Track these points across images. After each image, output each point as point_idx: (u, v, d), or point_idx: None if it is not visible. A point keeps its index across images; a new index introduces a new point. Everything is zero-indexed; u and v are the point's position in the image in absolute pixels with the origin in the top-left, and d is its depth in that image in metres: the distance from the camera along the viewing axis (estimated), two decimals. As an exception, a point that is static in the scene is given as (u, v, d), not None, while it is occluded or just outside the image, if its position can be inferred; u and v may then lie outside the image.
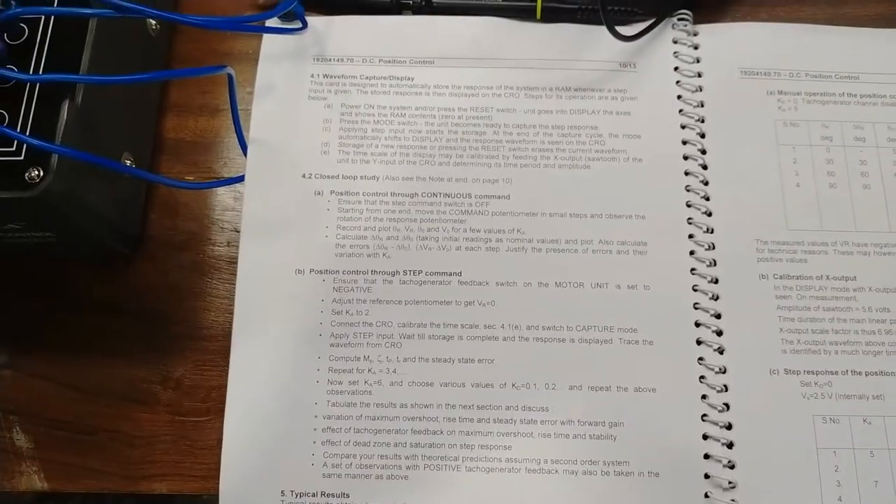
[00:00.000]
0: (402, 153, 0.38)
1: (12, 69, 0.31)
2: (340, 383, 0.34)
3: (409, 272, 0.36)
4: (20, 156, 0.30)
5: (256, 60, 0.39)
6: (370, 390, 0.34)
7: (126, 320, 0.37)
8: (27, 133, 0.30)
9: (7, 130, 0.29)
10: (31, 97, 0.31)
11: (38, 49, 0.32)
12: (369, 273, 0.36)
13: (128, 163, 0.36)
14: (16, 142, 0.31)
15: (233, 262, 0.37)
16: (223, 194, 0.39)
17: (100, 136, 0.33)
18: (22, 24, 0.32)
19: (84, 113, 0.31)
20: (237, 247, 0.37)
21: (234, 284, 0.36)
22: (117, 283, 0.37)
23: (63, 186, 0.30)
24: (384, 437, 0.34)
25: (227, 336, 0.36)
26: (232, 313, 0.35)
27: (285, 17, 0.39)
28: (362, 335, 0.35)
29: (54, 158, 0.30)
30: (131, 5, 0.30)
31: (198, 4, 0.42)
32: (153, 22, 0.38)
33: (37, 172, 0.30)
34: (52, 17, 0.32)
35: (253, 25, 0.38)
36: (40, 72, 0.32)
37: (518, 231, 0.37)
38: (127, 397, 0.36)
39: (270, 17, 0.36)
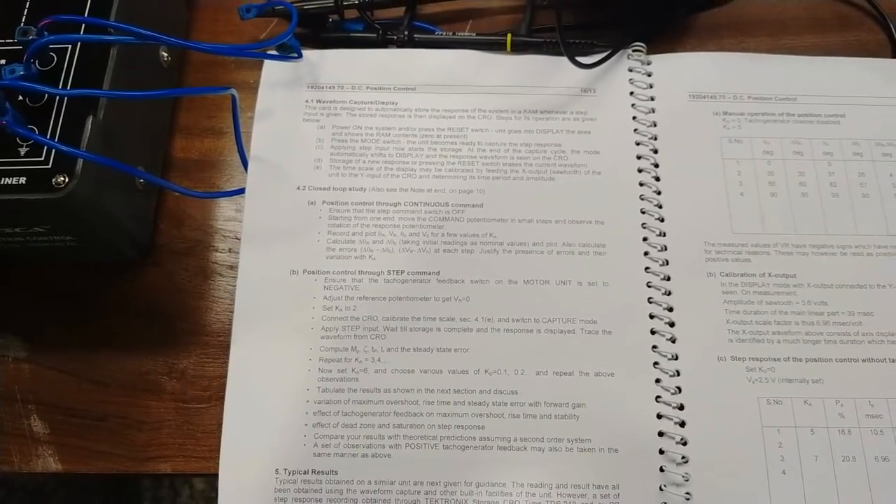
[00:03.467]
0: (386, 168, 0.42)
1: (45, 86, 0.35)
2: (330, 371, 0.38)
3: (392, 272, 0.40)
4: (48, 164, 0.35)
5: (256, 89, 0.44)
6: (357, 377, 0.38)
7: (136, 319, 0.41)
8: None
9: (39, 137, 0.34)
10: (59, 114, 0.36)
11: (64, 74, 0.37)
12: (357, 273, 0.40)
13: (141, 177, 0.40)
14: (45, 152, 0.35)
15: (233, 266, 0.41)
16: (225, 206, 0.43)
17: (118, 150, 0.37)
18: (51, 53, 0.37)
19: (105, 128, 0.36)
20: (237, 253, 0.41)
21: (235, 286, 0.40)
22: (129, 286, 0.41)
23: (86, 192, 0.35)
24: (369, 419, 0.37)
25: (227, 332, 0.39)
26: (232, 312, 0.39)
27: (283, 49, 0.44)
28: (350, 328, 0.39)
29: (79, 165, 0.34)
30: (148, 32, 0.34)
31: (205, 38, 0.47)
32: (165, 54, 0.43)
33: (63, 178, 0.34)
34: (78, 46, 0.37)
35: (255, 52, 0.43)
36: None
37: (490, 235, 0.41)
38: (136, 387, 0.39)
39: (270, 45, 0.40)
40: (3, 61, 0.37)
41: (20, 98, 0.36)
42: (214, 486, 0.37)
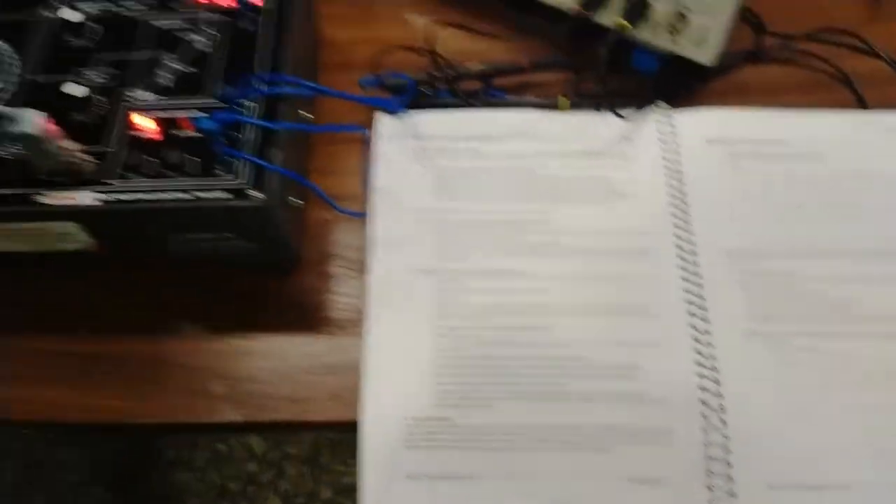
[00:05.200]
0: (475, 193, 0.55)
1: (262, 121, 0.49)
2: (446, 343, 0.50)
3: (489, 270, 0.52)
4: (244, 182, 0.47)
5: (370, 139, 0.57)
6: (469, 347, 0.50)
7: (289, 311, 0.53)
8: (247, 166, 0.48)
9: (252, 157, 0.47)
10: (248, 146, 0.49)
11: (247, 129, 0.50)
12: (462, 270, 0.52)
13: (294, 203, 0.53)
14: (241, 172, 0.47)
15: (360, 270, 0.54)
16: (355, 223, 0.55)
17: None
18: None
19: (284, 155, 0.49)
20: (360, 261, 0.53)
21: (363, 284, 0.52)
22: (285, 285, 0.54)
23: (272, 203, 0.47)
24: (478, 378, 0.49)
25: (357, 322, 0.51)
26: (363, 303, 0.51)
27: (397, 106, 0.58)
28: (459, 311, 0.51)
29: (269, 181, 0.47)
30: (332, 91, 0.48)
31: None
32: (304, 113, 0.57)
33: (256, 193, 0.47)
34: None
35: (384, 100, 0.57)
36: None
37: (555, 242, 0.53)
38: (288, 361, 0.51)
39: (390, 105, 0.54)
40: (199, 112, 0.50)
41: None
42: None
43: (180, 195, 0.47)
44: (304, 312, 0.53)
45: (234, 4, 0.55)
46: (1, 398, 0.51)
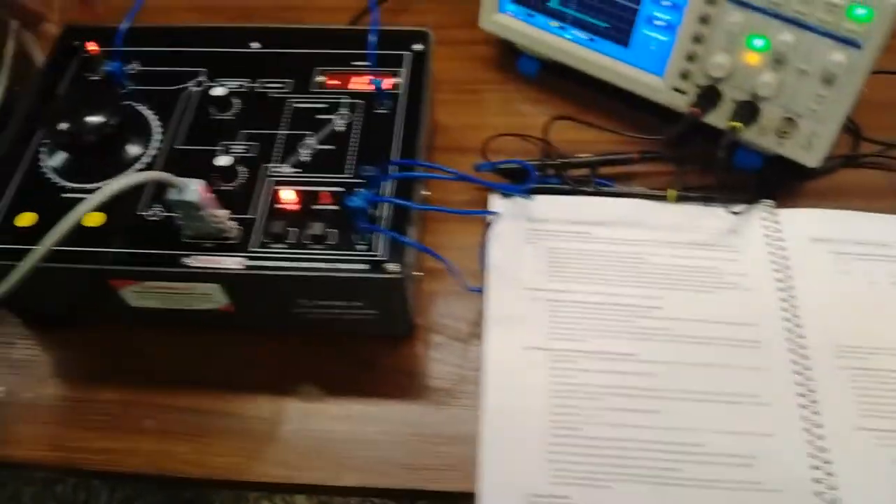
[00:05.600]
0: (587, 277, 0.57)
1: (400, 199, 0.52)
2: (560, 422, 0.51)
3: (601, 352, 0.54)
4: (381, 255, 0.50)
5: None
6: (581, 427, 0.51)
7: (402, 378, 0.54)
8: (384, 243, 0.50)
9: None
10: (383, 222, 0.52)
11: (383, 206, 0.53)
12: (574, 351, 0.54)
13: (416, 275, 0.55)
14: (373, 245, 0.50)
15: (472, 341, 0.55)
16: (470, 297, 0.58)
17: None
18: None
19: (416, 234, 0.52)
20: (481, 332, 0.55)
21: (475, 355, 0.54)
22: (400, 352, 0.55)
23: (406, 276, 0.50)
24: (592, 458, 0.50)
25: (469, 393, 0.53)
26: (475, 374, 0.53)
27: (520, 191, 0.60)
28: (572, 391, 0.52)
29: (405, 255, 0.49)
30: (463, 174, 0.51)
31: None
32: (424, 191, 0.60)
33: (393, 266, 0.49)
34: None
35: (509, 186, 0.61)
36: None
37: (668, 329, 0.55)
38: (407, 423, 0.52)
39: (514, 189, 0.57)
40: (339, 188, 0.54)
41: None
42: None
43: (320, 265, 0.50)
44: (416, 380, 0.55)
45: (370, 89, 0.59)
46: (124, 449, 0.53)
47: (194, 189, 0.47)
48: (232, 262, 0.50)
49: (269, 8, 0.81)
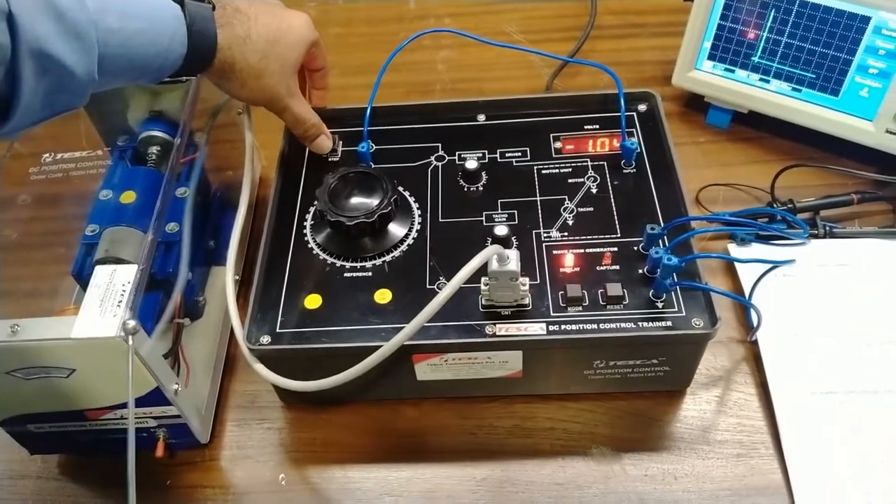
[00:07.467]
0: (858, 317, 0.58)
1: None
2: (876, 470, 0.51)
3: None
4: (681, 312, 0.51)
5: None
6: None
7: (687, 430, 0.55)
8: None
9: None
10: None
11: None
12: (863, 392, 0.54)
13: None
14: (675, 303, 0.51)
15: (754, 388, 0.56)
16: (729, 344, 0.58)
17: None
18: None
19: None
20: (759, 380, 0.56)
21: (760, 403, 0.55)
22: (680, 406, 0.56)
23: (713, 332, 0.50)
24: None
25: (761, 443, 0.53)
26: (762, 423, 0.54)
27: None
28: (875, 432, 0.52)
29: (714, 311, 0.50)
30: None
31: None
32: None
33: (699, 321, 0.50)
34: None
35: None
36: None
37: None
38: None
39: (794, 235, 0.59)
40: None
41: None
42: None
43: (625, 325, 0.51)
44: (707, 434, 0.55)
45: (611, 150, 0.61)
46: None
47: (516, 258, 0.48)
48: (535, 328, 0.51)
49: (444, 81, 0.83)
